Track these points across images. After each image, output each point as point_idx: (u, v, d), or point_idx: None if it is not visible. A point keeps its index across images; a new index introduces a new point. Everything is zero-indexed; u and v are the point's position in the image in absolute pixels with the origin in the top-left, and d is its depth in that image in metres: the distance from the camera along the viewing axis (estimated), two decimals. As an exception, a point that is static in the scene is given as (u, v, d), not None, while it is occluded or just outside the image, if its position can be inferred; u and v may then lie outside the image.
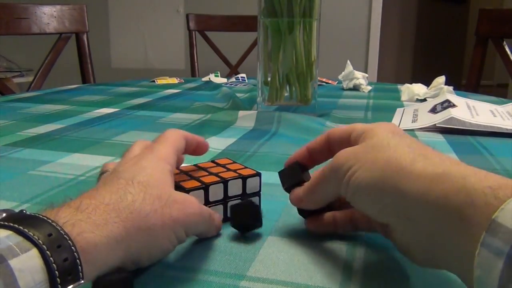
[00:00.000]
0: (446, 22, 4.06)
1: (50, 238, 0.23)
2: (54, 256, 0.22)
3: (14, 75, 3.00)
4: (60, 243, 0.23)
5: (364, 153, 0.30)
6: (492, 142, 0.66)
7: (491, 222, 0.22)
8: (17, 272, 0.21)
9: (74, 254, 0.23)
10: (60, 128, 0.73)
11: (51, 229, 0.23)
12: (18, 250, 0.21)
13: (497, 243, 0.21)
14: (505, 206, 0.22)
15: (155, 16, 3.16)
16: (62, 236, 0.23)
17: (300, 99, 0.81)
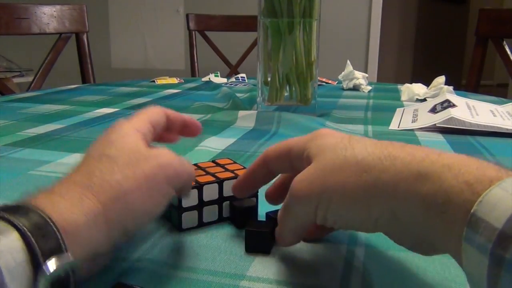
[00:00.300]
0: (446, 22, 4.06)
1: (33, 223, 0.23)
2: (35, 237, 0.22)
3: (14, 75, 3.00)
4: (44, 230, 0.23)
5: (326, 179, 0.28)
6: (492, 142, 0.66)
7: (470, 215, 0.21)
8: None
9: (57, 234, 0.23)
10: (60, 128, 0.73)
11: (34, 215, 0.23)
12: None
13: (480, 240, 0.20)
14: (482, 199, 0.21)
15: (155, 16, 3.16)
16: (44, 220, 0.23)
17: (300, 99, 0.81)
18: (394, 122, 0.80)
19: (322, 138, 0.30)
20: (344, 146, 0.29)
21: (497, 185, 0.21)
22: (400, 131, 0.74)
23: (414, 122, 0.77)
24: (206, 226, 0.38)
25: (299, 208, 0.30)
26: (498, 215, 0.20)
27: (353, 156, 0.27)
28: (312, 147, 0.30)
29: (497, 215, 0.20)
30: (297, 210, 0.30)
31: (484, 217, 0.21)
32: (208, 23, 1.91)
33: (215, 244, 0.35)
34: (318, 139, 0.31)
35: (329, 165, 0.28)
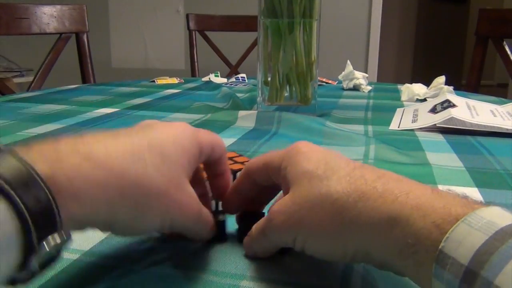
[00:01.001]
0: (446, 22, 4.06)
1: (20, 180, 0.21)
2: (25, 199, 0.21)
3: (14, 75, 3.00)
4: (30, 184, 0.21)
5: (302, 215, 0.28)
6: (492, 142, 0.66)
7: (438, 252, 0.22)
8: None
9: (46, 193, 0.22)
10: (60, 128, 0.73)
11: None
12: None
13: (448, 276, 0.21)
14: (449, 235, 0.22)
15: (155, 16, 3.16)
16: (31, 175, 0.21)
17: (300, 99, 0.81)
18: (394, 122, 0.80)
19: (298, 160, 0.30)
20: (320, 177, 0.28)
21: (462, 220, 0.22)
22: (400, 131, 0.74)
23: (414, 122, 0.77)
24: None
25: (277, 236, 0.30)
26: (464, 251, 0.21)
27: (328, 194, 0.28)
28: (288, 169, 0.30)
29: (463, 251, 0.21)
30: (275, 237, 0.31)
31: (451, 253, 0.21)
32: (208, 23, 1.91)
33: (216, 244, 0.35)
34: (293, 159, 0.31)
35: (305, 201, 0.28)
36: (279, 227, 0.30)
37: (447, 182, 0.49)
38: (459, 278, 0.20)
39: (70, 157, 0.24)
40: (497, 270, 0.19)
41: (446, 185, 0.49)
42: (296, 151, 0.31)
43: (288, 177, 0.30)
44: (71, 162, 0.24)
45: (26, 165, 0.22)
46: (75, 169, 0.24)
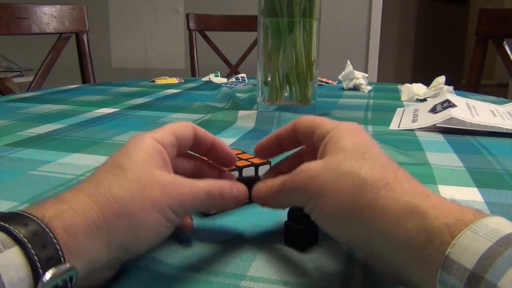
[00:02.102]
0: (446, 22, 4.06)
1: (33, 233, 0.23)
2: (37, 251, 0.23)
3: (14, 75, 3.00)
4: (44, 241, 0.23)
5: (327, 176, 0.29)
6: (492, 142, 0.66)
7: (444, 258, 0.22)
8: (1, 268, 0.21)
9: (56, 246, 0.24)
10: (60, 128, 0.73)
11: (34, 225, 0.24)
12: (1, 247, 0.22)
13: (452, 281, 0.21)
14: (456, 241, 0.22)
15: (155, 16, 3.16)
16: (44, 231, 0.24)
17: (300, 99, 0.81)
18: (394, 122, 0.80)
19: (344, 136, 0.31)
20: (356, 157, 0.29)
21: (468, 228, 0.22)
22: (400, 131, 0.74)
23: (414, 122, 0.77)
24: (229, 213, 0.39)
25: (294, 193, 0.31)
26: (469, 256, 0.21)
27: (356, 173, 0.28)
28: (332, 141, 0.31)
29: (468, 256, 0.21)
30: (292, 192, 0.31)
31: (457, 259, 0.22)
32: (208, 23, 1.91)
33: (216, 244, 0.35)
34: (341, 134, 0.32)
35: (334, 171, 0.29)
36: (300, 182, 0.30)
37: (447, 182, 0.49)
38: (463, 282, 0.21)
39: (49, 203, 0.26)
40: (500, 273, 0.20)
41: (446, 185, 0.49)
42: (348, 127, 0.33)
43: (328, 146, 0.31)
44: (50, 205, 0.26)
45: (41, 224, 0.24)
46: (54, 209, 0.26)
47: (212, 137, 0.36)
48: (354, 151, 0.30)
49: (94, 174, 0.30)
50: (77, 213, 0.26)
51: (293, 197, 0.31)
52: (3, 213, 0.25)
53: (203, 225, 0.38)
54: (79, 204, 0.26)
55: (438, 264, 0.22)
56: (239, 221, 0.39)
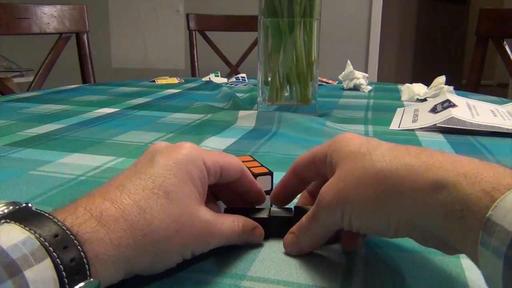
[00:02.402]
0: (446, 22, 4.06)
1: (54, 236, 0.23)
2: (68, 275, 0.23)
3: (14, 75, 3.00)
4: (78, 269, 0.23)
5: (347, 187, 0.29)
6: (493, 142, 0.66)
7: (486, 220, 0.22)
8: (31, 283, 0.21)
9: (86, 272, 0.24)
10: (60, 128, 0.73)
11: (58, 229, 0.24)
12: (32, 260, 0.22)
13: (494, 243, 0.21)
14: (498, 204, 0.22)
15: (155, 16, 3.16)
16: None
17: (301, 99, 0.81)
18: (395, 122, 0.79)
19: (342, 145, 0.32)
20: (363, 153, 0.30)
21: (511, 191, 0.22)
22: (400, 131, 0.74)
23: (414, 122, 0.77)
24: None
25: (326, 215, 0.31)
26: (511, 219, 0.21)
27: (371, 166, 0.28)
28: (333, 155, 0.32)
29: (511, 220, 0.21)
30: (325, 217, 0.31)
31: (499, 221, 0.21)
32: (208, 23, 1.91)
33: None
34: (338, 145, 0.32)
35: (350, 176, 0.29)
36: (328, 205, 0.30)
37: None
38: (506, 245, 0.20)
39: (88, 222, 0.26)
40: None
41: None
42: (340, 138, 0.33)
43: (334, 162, 0.32)
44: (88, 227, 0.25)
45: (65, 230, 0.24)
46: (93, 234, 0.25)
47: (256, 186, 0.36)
48: (357, 152, 0.30)
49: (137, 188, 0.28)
50: (114, 244, 0.26)
51: (327, 223, 0.31)
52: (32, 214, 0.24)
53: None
54: (117, 234, 0.26)
55: (479, 227, 0.22)
56: (239, 221, 0.39)
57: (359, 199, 0.29)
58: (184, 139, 0.66)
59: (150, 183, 0.29)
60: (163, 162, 0.30)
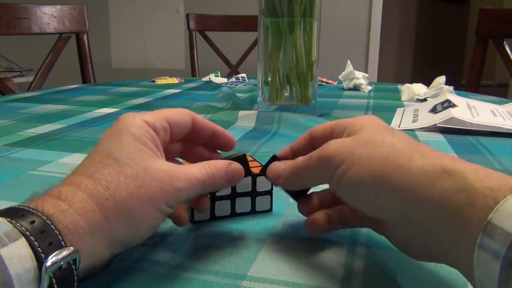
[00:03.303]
0: (446, 22, 4.06)
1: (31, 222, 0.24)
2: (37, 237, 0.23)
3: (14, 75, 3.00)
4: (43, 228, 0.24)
5: (358, 147, 0.29)
6: (493, 142, 0.66)
7: (486, 223, 0.21)
8: (7, 260, 0.21)
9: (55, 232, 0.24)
10: (60, 128, 0.73)
11: (33, 216, 0.24)
12: (6, 240, 0.22)
13: (494, 245, 0.21)
14: (499, 207, 0.22)
15: (155, 16, 3.16)
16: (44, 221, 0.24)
17: (301, 99, 0.81)
18: (395, 122, 0.79)
19: (366, 120, 0.32)
20: (385, 131, 0.30)
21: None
22: (400, 131, 0.74)
23: (414, 122, 0.77)
24: (217, 221, 0.38)
25: (321, 163, 0.30)
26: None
27: (387, 141, 0.29)
28: (354, 125, 0.32)
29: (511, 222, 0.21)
30: (318, 165, 0.31)
31: (500, 224, 0.21)
32: (208, 23, 1.91)
33: (216, 244, 0.35)
34: (362, 120, 0.32)
35: (365, 139, 0.29)
36: (329, 152, 0.30)
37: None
38: (506, 246, 0.20)
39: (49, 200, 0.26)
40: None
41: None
42: (364, 116, 0.33)
43: (352, 129, 0.31)
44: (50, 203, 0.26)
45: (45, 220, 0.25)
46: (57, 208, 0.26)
47: (212, 125, 0.36)
48: (379, 129, 0.30)
49: (89, 163, 0.29)
50: (79, 214, 0.26)
51: (320, 169, 0.31)
52: (2, 209, 0.25)
53: (203, 225, 0.38)
54: (79, 204, 0.26)
55: (479, 227, 0.22)
56: (239, 222, 0.39)
57: (362, 160, 0.28)
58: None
59: (98, 157, 0.29)
60: (105, 137, 0.31)
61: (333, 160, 0.29)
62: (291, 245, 0.35)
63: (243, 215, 0.39)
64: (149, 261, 0.32)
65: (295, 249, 0.34)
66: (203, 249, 0.34)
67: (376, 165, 0.28)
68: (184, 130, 0.35)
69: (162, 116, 0.33)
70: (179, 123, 0.34)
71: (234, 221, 0.39)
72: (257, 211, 0.40)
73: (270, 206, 0.40)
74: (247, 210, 0.39)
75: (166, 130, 0.33)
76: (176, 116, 0.34)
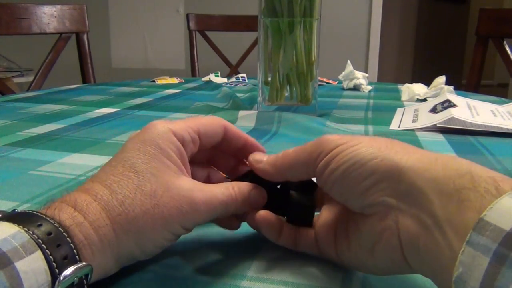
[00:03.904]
0: (446, 22, 4.06)
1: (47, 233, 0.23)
2: (52, 251, 0.23)
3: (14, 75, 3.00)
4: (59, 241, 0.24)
5: (354, 140, 0.28)
6: (493, 142, 0.66)
7: (478, 220, 0.21)
8: (23, 274, 0.21)
9: (71, 245, 0.24)
10: (60, 128, 0.73)
11: (49, 225, 0.24)
12: (23, 252, 0.22)
13: (485, 241, 0.20)
14: (493, 205, 0.21)
15: (155, 16, 3.16)
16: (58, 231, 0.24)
17: (301, 99, 0.81)
18: (395, 122, 0.79)
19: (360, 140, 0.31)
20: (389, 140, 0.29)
21: (507, 194, 0.22)
22: (400, 131, 0.74)
23: (414, 122, 0.77)
24: None
25: (316, 145, 0.29)
26: (507, 220, 0.20)
27: (387, 138, 0.29)
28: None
29: (506, 220, 0.20)
30: (312, 147, 0.29)
31: (492, 221, 0.21)
32: (208, 23, 1.91)
33: (216, 244, 0.35)
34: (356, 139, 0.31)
35: (366, 137, 0.29)
36: (325, 139, 0.29)
37: (447, 182, 0.49)
38: (497, 241, 0.20)
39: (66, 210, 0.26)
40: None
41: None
42: None
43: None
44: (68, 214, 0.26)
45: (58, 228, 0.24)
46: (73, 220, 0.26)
47: (245, 136, 0.35)
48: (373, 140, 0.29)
49: (108, 175, 0.28)
50: (92, 227, 0.26)
51: (314, 151, 0.29)
52: (17, 214, 0.25)
53: (202, 225, 0.38)
54: (93, 217, 0.26)
55: (476, 214, 0.21)
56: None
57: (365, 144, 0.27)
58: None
59: (120, 167, 0.29)
60: (130, 145, 0.30)
61: (332, 141, 0.29)
62: (291, 245, 0.35)
63: None
64: (149, 261, 0.32)
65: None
66: (203, 249, 0.34)
67: (376, 145, 0.27)
68: (214, 140, 0.33)
69: (193, 126, 0.32)
70: (210, 134, 0.33)
71: (234, 221, 0.39)
72: None
73: None
74: None
75: (196, 142, 0.32)
76: (208, 127, 0.33)
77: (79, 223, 0.25)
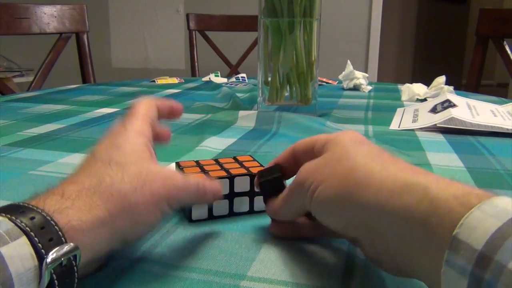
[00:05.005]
0: (446, 22, 4.06)
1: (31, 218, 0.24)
2: (37, 234, 0.23)
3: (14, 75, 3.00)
4: (43, 224, 0.24)
5: (324, 166, 0.30)
6: (493, 142, 0.66)
7: (452, 239, 0.21)
8: (8, 259, 0.21)
9: (55, 227, 0.24)
10: (60, 128, 0.73)
11: (33, 213, 0.24)
12: (7, 238, 0.22)
13: (460, 262, 0.21)
14: (464, 221, 0.21)
15: (155, 16, 3.16)
16: (44, 217, 0.24)
17: (301, 99, 0.81)
18: (395, 122, 0.79)
19: (343, 135, 0.32)
20: (354, 143, 0.31)
21: (477, 207, 0.22)
22: (400, 131, 0.74)
23: (414, 122, 0.77)
24: (215, 220, 0.38)
25: (297, 189, 0.32)
26: (478, 237, 0.20)
27: (353, 155, 0.29)
28: (332, 141, 0.32)
29: (477, 237, 0.21)
30: (296, 190, 0.33)
31: (465, 239, 0.21)
32: (208, 23, 1.91)
33: (216, 244, 0.35)
34: (340, 135, 0.33)
35: (332, 156, 0.31)
36: (301, 175, 0.32)
37: (447, 182, 0.49)
38: (472, 262, 0.20)
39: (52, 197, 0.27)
40: (510, 254, 0.19)
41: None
42: (344, 132, 0.33)
43: (328, 146, 0.32)
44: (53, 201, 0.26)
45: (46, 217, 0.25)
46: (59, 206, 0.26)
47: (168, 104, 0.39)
48: (350, 141, 0.31)
49: (90, 168, 0.30)
50: (83, 209, 0.26)
51: (298, 195, 0.32)
52: (1, 206, 0.25)
53: (202, 225, 0.38)
54: (84, 201, 0.27)
55: (444, 235, 0.22)
56: (238, 221, 0.39)
57: (328, 176, 0.29)
58: (184, 139, 0.66)
59: (99, 163, 0.30)
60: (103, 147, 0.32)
61: (305, 182, 0.31)
62: (291, 245, 0.35)
63: (241, 215, 0.39)
64: (149, 261, 0.32)
65: (295, 249, 0.34)
66: (202, 249, 0.34)
67: (338, 181, 0.29)
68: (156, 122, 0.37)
69: (145, 121, 0.35)
70: (155, 119, 0.37)
71: (234, 221, 0.39)
72: (255, 211, 0.40)
73: None
74: (245, 210, 0.39)
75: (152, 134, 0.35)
76: (152, 114, 0.36)
77: (66, 207, 0.26)
